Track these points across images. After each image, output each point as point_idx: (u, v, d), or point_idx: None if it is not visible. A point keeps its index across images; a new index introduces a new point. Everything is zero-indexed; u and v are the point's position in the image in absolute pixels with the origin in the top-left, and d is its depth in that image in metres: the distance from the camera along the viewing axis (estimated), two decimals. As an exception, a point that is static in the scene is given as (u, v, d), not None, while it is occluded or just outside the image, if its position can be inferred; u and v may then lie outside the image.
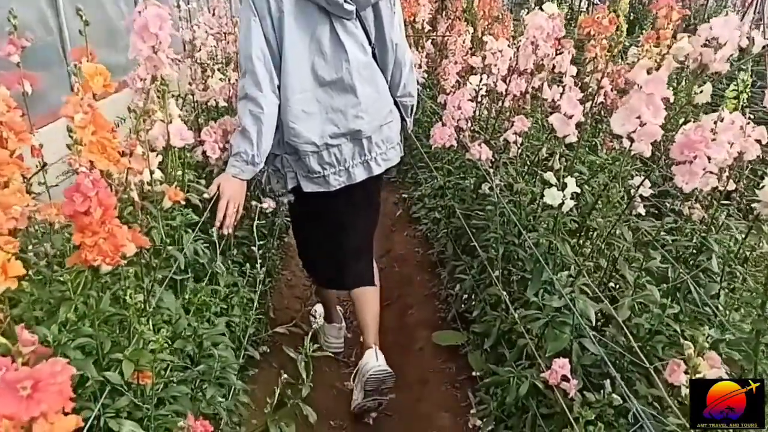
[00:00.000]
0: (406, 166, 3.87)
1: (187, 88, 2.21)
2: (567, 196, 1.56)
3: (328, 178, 1.87)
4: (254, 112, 1.71)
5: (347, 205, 1.99)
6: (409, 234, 3.42)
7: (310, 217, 2.08)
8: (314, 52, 1.74)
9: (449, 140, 2.26)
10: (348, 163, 1.87)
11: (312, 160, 1.84)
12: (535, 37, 1.97)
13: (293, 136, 1.79)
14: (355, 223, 2.10)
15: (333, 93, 1.79)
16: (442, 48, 4.26)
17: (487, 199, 2.24)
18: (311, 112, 1.77)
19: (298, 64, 1.73)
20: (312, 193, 1.91)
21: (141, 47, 1.29)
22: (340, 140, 1.83)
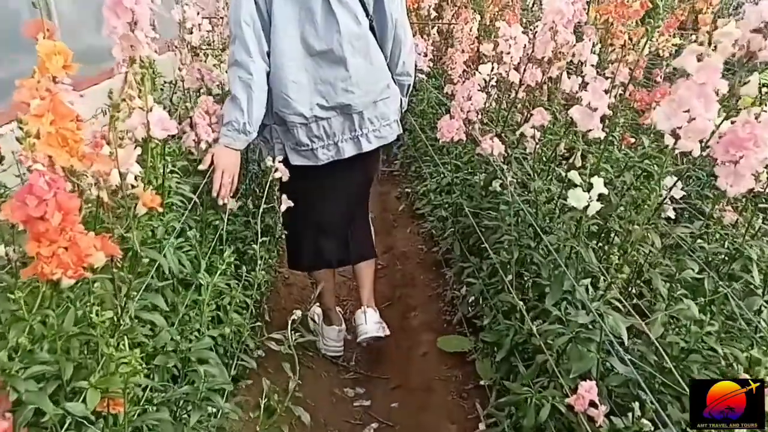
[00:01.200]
0: (409, 159, 3.70)
1: (176, 73, 2.03)
2: (593, 197, 1.40)
3: (316, 151, 1.81)
4: (243, 79, 1.65)
5: (335, 180, 1.92)
6: (413, 230, 3.25)
7: (296, 191, 1.94)
8: (304, 21, 1.68)
9: (458, 134, 2.09)
10: (337, 137, 1.80)
11: (300, 132, 1.77)
12: (554, 23, 1.80)
13: (282, 107, 1.73)
14: (341, 198, 2.01)
15: (323, 63, 1.72)
16: (448, 36, 4.07)
17: (499, 197, 2.07)
18: (300, 82, 1.70)
19: (287, 32, 1.67)
20: (299, 167, 1.83)
21: (115, 24, 1.12)
22: (329, 113, 1.76)
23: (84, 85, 2.46)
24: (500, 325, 1.73)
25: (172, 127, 1.14)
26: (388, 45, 1.86)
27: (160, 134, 1.12)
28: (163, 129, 1.13)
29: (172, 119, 1.42)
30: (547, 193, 1.83)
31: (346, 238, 2.18)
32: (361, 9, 1.76)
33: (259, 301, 2.23)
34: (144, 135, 1.14)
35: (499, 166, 1.95)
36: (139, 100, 1.14)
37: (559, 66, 1.88)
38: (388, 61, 1.90)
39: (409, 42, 1.91)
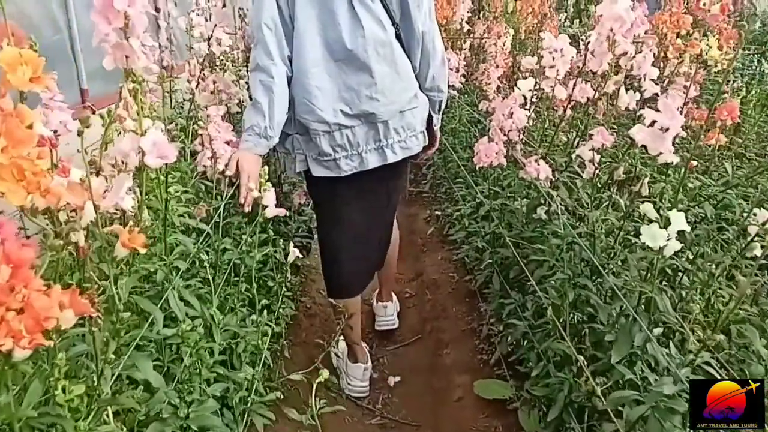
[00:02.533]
0: (440, 180, 3.47)
1: (186, 86, 1.86)
2: (672, 235, 1.15)
3: (339, 161, 1.71)
4: (265, 82, 1.58)
5: (358, 193, 1.81)
6: (444, 257, 3.01)
7: (321, 204, 1.93)
8: (327, 25, 1.60)
9: (497, 158, 1.86)
10: (361, 147, 1.71)
11: (323, 141, 1.68)
12: (612, 31, 1.56)
13: (304, 114, 1.65)
14: (366, 211, 1.87)
15: (347, 69, 1.63)
16: (479, 51, 3.86)
17: (545, 226, 1.83)
18: (323, 88, 1.62)
19: (310, 37, 1.60)
20: (322, 179, 1.74)
21: (106, 30, 0.93)
22: (353, 122, 1.67)
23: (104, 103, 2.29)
24: (551, 377, 1.48)
25: (170, 154, 0.94)
26: (415, 56, 1.75)
27: (154, 163, 0.92)
28: (159, 156, 0.93)
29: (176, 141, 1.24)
30: (604, 223, 1.58)
31: (376, 251, 2.06)
32: (387, 16, 1.66)
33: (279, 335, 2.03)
34: (137, 163, 0.94)
35: (548, 192, 1.71)
36: (132, 122, 0.95)
37: (616, 81, 1.64)
38: (417, 73, 1.79)
39: (439, 56, 1.79)
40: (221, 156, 1.51)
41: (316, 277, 2.80)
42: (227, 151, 1.54)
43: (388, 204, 1.99)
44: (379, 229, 2.03)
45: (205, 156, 1.48)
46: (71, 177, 0.82)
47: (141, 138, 0.93)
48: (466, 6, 3.44)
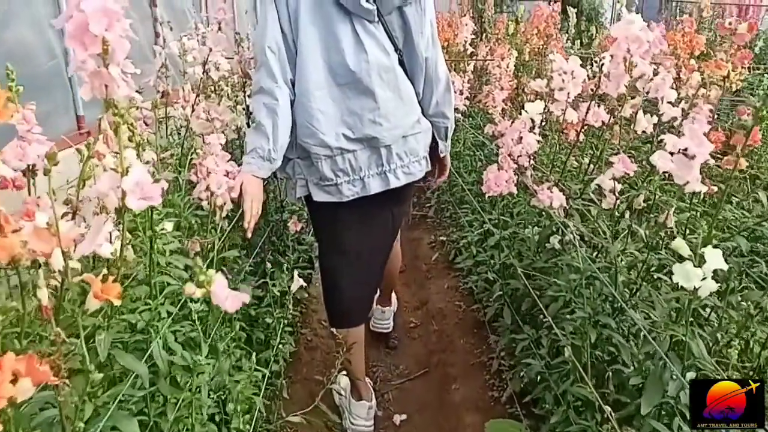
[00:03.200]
0: (444, 204, 3.37)
1: (180, 112, 1.76)
2: (708, 274, 1.04)
3: (340, 186, 1.68)
4: (269, 105, 1.56)
5: (360, 218, 1.76)
6: (450, 285, 2.89)
7: (322, 231, 1.88)
8: (331, 49, 1.58)
9: (507, 187, 1.75)
10: (363, 172, 1.68)
11: (325, 166, 1.65)
12: (629, 52, 1.47)
13: (306, 137, 1.62)
14: (367, 239, 1.82)
15: (350, 94, 1.61)
16: (482, 73, 3.79)
17: (560, 257, 1.72)
18: (326, 112, 1.60)
19: (313, 61, 1.58)
20: (324, 204, 1.71)
21: (82, 57, 0.83)
22: (355, 146, 1.64)
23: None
24: (573, 425, 1.36)
25: (155, 195, 0.83)
26: (418, 82, 1.72)
27: (137, 205, 0.82)
28: (143, 198, 0.82)
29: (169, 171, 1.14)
30: (625, 255, 1.47)
31: (377, 276, 2.01)
32: (390, 41, 1.63)
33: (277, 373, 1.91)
34: (117, 204, 0.84)
35: (563, 222, 1.61)
36: (112, 158, 0.85)
37: (633, 104, 1.54)
38: (420, 99, 1.76)
39: (442, 82, 1.76)
40: (219, 190, 1.40)
41: (317, 308, 2.68)
42: (225, 185, 1.44)
43: (390, 230, 1.93)
44: (380, 254, 1.96)
45: (199, 189, 1.38)
46: (37, 221, 0.72)
47: (122, 177, 0.83)
48: (469, 28, 3.38)
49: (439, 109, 1.78)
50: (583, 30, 6.80)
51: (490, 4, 4.43)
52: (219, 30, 1.81)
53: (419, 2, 1.62)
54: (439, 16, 3.45)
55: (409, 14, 1.61)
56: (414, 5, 1.61)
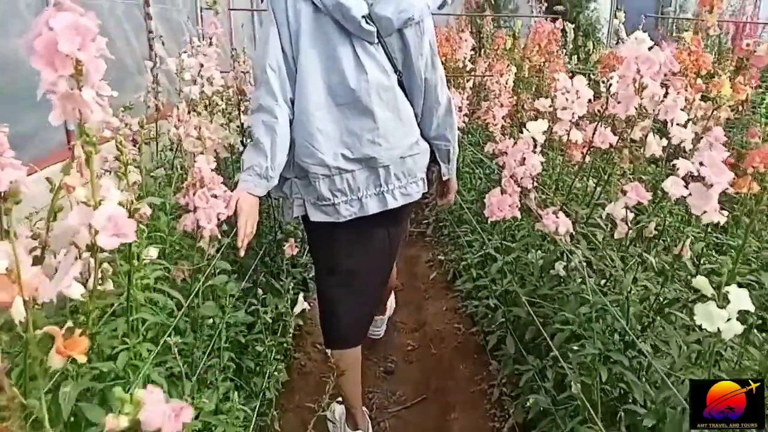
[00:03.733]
0: (442, 222, 3.29)
1: (173, 132, 1.68)
2: (732, 315, 0.96)
3: (338, 207, 1.66)
4: (268, 123, 1.55)
5: (357, 239, 1.73)
6: (448, 306, 2.80)
7: (318, 251, 1.85)
8: (331, 69, 1.58)
9: (511, 211, 1.68)
10: (361, 192, 1.66)
11: (322, 186, 1.63)
12: (639, 73, 1.40)
13: (305, 157, 1.60)
14: (364, 261, 1.78)
15: (349, 114, 1.60)
16: (480, 89, 3.73)
17: (565, 284, 1.64)
18: (325, 132, 1.59)
19: (313, 81, 1.58)
20: (320, 224, 1.68)
21: (51, 79, 0.75)
22: (353, 166, 1.63)
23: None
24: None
25: (129, 231, 0.75)
26: (417, 102, 1.71)
27: (109, 243, 0.73)
28: (116, 234, 0.74)
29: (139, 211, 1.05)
30: (635, 284, 1.39)
31: (375, 297, 1.96)
32: (389, 62, 1.62)
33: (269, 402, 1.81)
34: (88, 241, 0.75)
35: (570, 249, 1.53)
36: (83, 190, 0.76)
37: (643, 126, 1.47)
38: (420, 120, 1.75)
39: (443, 104, 1.74)
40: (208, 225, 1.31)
41: (311, 329, 2.59)
42: (214, 220, 1.35)
43: (388, 250, 1.87)
44: (378, 275, 1.90)
45: (186, 220, 1.29)
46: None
47: (93, 212, 0.74)
48: (468, 44, 3.32)
49: (441, 132, 1.77)
50: (580, 45, 6.78)
51: (489, 20, 4.39)
52: (210, 45, 1.73)
53: (419, 25, 1.61)
54: (438, 30, 3.38)
55: (408, 36, 1.60)
56: (413, 28, 1.60)
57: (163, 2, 4.15)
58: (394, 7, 1.53)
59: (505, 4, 7.16)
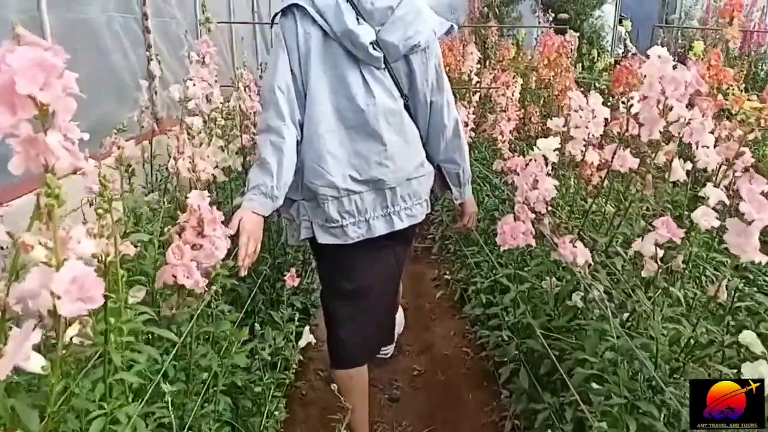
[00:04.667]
0: (448, 240, 3.18)
1: (171, 164, 1.58)
2: (784, 373, 0.85)
3: (346, 228, 1.66)
4: (275, 143, 1.55)
5: (364, 260, 1.73)
6: (456, 329, 2.69)
7: (325, 272, 1.84)
8: (339, 94, 1.60)
9: (525, 239, 1.57)
10: (369, 214, 1.67)
11: (331, 207, 1.64)
12: (664, 94, 1.30)
13: (314, 178, 1.61)
14: (371, 282, 1.77)
15: (357, 137, 1.62)
16: (486, 101, 3.63)
17: (587, 324, 1.53)
18: (334, 154, 1.61)
19: (322, 104, 1.59)
20: (328, 246, 1.68)
21: (9, 122, 0.65)
22: (361, 187, 1.64)
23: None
24: None
25: (96, 294, 0.64)
26: (423, 125, 1.74)
27: (72, 310, 0.63)
28: (81, 299, 0.63)
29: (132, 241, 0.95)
30: (663, 323, 1.28)
31: (383, 316, 1.93)
32: (396, 86, 1.65)
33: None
34: (50, 306, 0.64)
35: (589, 283, 1.42)
36: (43, 250, 0.66)
37: (667, 151, 1.36)
38: (427, 143, 1.77)
39: (450, 127, 1.75)
40: (186, 280, 1.19)
41: (313, 355, 2.48)
42: (193, 275, 1.22)
43: (394, 271, 1.87)
44: (385, 295, 1.88)
45: (164, 275, 1.17)
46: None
47: (54, 274, 0.64)
48: (474, 57, 3.22)
49: (449, 155, 1.78)
50: (585, 53, 6.69)
51: (493, 30, 4.29)
52: (204, 64, 1.63)
53: (425, 52, 1.63)
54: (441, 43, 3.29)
55: (414, 62, 1.63)
56: (420, 54, 1.63)
57: (162, 15, 4.06)
58: (401, 34, 1.55)
59: (508, 12, 7.07)
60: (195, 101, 1.72)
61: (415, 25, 1.57)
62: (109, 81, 3.29)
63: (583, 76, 5.26)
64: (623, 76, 2.31)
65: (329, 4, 1.55)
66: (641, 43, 8.25)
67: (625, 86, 2.34)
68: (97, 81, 3.14)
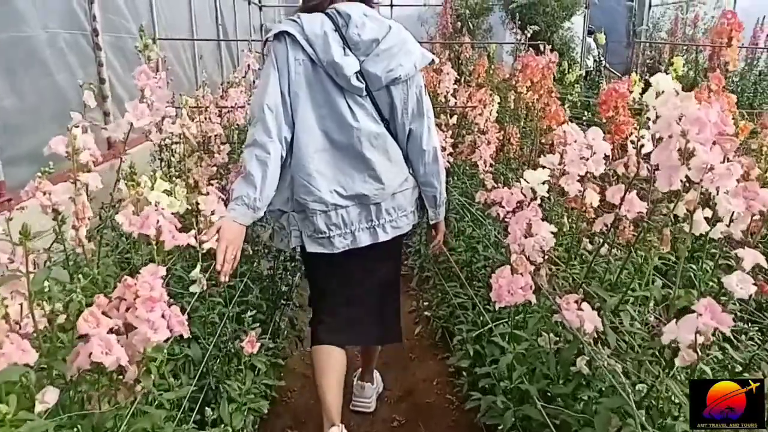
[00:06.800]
0: (427, 272, 2.94)
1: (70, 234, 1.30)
2: None
3: (333, 239, 1.76)
4: (261, 157, 1.63)
5: (350, 268, 1.84)
6: (438, 371, 2.45)
7: (313, 278, 1.95)
8: (326, 117, 1.70)
9: (525, 294, 1.34)
10: (354, 226, 1.76)
11: (319, 220, 1.74)
12: (685, 136, 1.09)
13: (304, 194, 1.71)
14: (356, 285, 1.88)
15: (344, 157, 1.72)
16: (462, 120, 3.41)
17: (592, 389, 1.31)
18: (322, 172, 1.70)
19: (310, 126, 1.69)
20: (315, 254, 1.79)
21: None
22: (347, 202, 1.74)
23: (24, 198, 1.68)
24: None
25: None
26: (403, 147, 1.81)
27: None
28: None
29: None
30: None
31: (361, 322, 1.94)
32: (377, 113, 1.73)
33: None
34: None
35: (598, 353, 1.19)
36: None
37: (688, 201, 1.16)
38: (409, 165, 1.84)
39: (430, 153, 1.82)
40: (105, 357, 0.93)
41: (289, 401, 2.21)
42: (115, 353, 0.97)
43: (383, 279, 1.93)
44: (372, 295, 1.92)
45: (82, 352, 0.91)
46: None
47: None
48: (451, 78, 3.00)
49: (427, 179, 1.84)
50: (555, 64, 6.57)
51: (467, 47, 4.09)
52: (143, 99, 1.36)
53: (406, 83, 1.71)
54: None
55: (395, 93, 1.70)
56: (401, 85, 1.70)
57: (117, 30, 3.74)
58: (384, 66, 1.64)
59: (478, 24, 6.93)
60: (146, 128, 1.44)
61: (398, 58, 1.65)
62: (54, 103, 2.98)
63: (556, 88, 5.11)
64: (612, 99, 2.12)
65: (318, 35, 1.63)
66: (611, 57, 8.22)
67: (613, 110, 2.14)
68: (38, 103, 2.83)
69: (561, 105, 2.43)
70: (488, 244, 2.28)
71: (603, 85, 6.56)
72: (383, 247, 1.81)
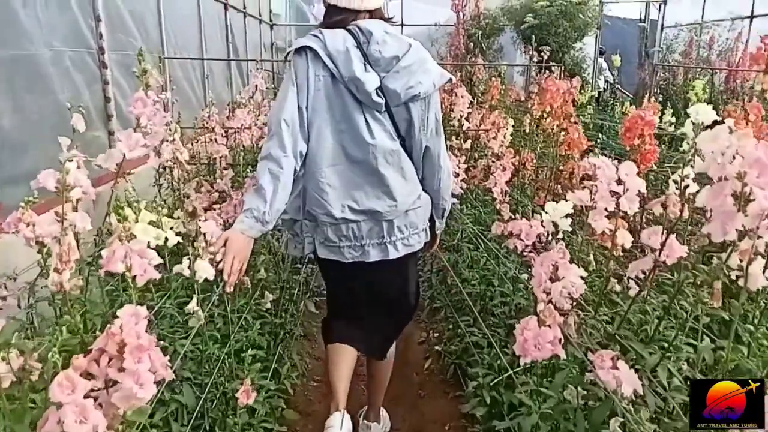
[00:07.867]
0: (438, 303, 2.79)
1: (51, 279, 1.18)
2: None
3: (342, 249, 1.76)
4: (273, 171, 1.62)
5: (359, 280, 1.83)
6: (449, 411, 2.29)
7: (327, 279, 1.98)
8: (343, 132, 1.70)
9: (553, 349, 1.19)
10: (364, 240, 1.75)
11: (329, 230, 1.75)
12: (742, 179, 0.95)
13: (315, 206, 1.73)
14: (365, 297, 1.88)
15: (358, 172, 1.71)
16: (475, 142, 3.28)
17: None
18: (335, 186, 1.71)
19: (326, 140, 1.69)
20: (328, 260, 1.79)
21: None
22: (359, 217, 1.73)
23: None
24: None
25: None
26: (418, 165, 1.81)
27: None
28: None
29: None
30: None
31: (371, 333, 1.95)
32: (394, 128, 1.73)
33: None
34: None
35: (636, 419, 1.05)
36: None
37: (742, 251, 1.01)
38: (421, 180, 1.84)
39: (444, 169, 1.84)
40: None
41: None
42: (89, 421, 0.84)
43: (395, 295, 1.90)
44: (378, 312, 1.90)
45: (51, 418, 0.78)
46: None
47: None
48: (465, 100, 2.88)
49: (440, 195, 1.86)
50: (567, 86, 6.45)
51: (480, 68, 3.99)
52: (138, 128, 1.25)
53: (425, 101, 1.70)
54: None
55: (413, 110, 1.69)
56: (419, 103, 1.69)
57: (124, 48, 3.67)
58: (404, 82, 1.63)
59: (489, 44, 6.83)
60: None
61: (417, 76, 1.64)
62: (57, 122, 2.89)
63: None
64: (637, 126, 1.98)
65: (340, 50, 1.63)
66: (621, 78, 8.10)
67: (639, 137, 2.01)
68: (40, 121, 2.74)
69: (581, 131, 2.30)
70: (505, 278, 2.14)
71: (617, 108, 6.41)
72: (395, 264, 1.79)
